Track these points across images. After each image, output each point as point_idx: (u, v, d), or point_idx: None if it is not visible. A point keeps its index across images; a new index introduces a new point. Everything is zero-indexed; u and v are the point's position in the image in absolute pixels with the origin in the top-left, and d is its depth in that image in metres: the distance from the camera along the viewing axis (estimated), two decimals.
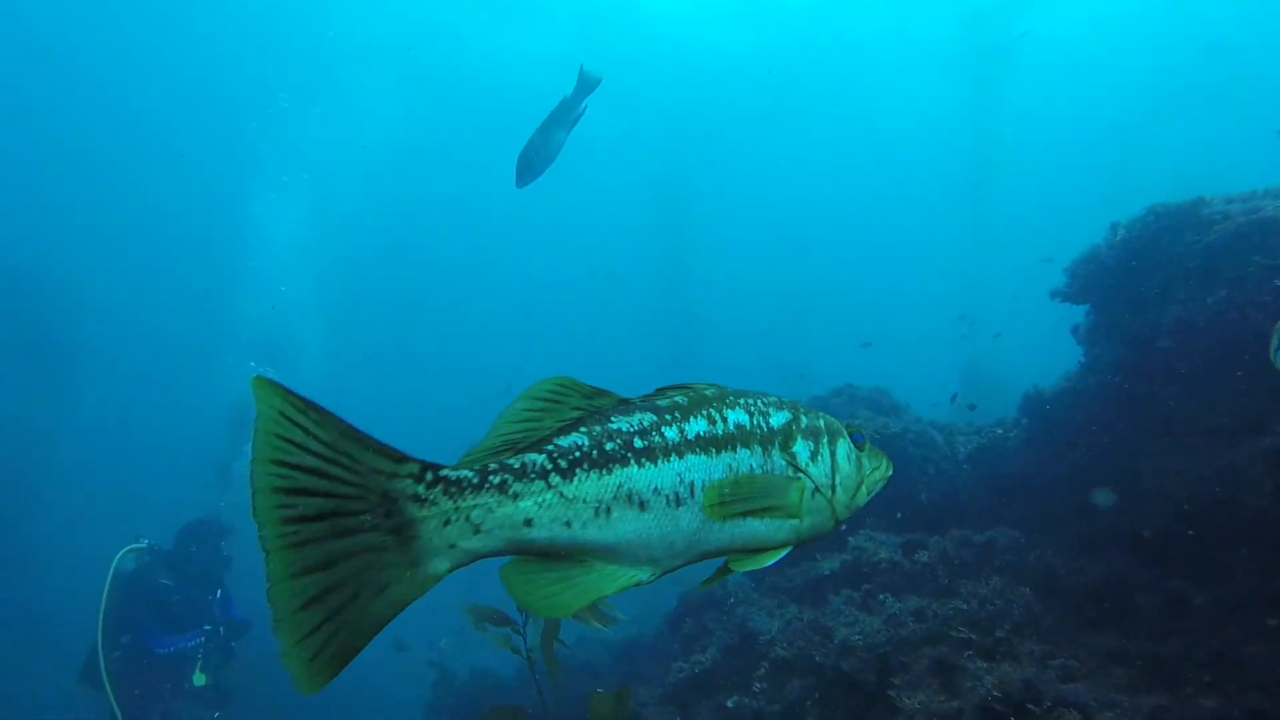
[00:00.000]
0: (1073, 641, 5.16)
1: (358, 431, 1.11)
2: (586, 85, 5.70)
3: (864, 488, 1.58)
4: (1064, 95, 34.12)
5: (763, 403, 1.52)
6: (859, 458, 1.58)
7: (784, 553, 1.49)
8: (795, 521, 1.48)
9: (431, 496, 1.16)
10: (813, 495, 1.49)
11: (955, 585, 6.01)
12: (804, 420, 1.53)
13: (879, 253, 47.28)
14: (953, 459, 8.38)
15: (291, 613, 1.04)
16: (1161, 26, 28.72)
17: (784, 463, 1.46)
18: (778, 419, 1.50)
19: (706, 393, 1.47)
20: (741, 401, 1.49)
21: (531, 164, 5.44)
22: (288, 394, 1.05)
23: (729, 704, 6.94)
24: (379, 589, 1.10)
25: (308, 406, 1.06)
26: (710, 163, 39.42)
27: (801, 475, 1.47)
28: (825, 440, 1.53)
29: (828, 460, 1.51)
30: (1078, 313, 7.19)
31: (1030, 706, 4.11)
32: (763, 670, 6.50)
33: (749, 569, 1.50)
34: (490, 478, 1.23)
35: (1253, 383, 4.74)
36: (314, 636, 1.05)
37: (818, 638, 6.20)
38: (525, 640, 4.93)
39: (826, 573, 7.39)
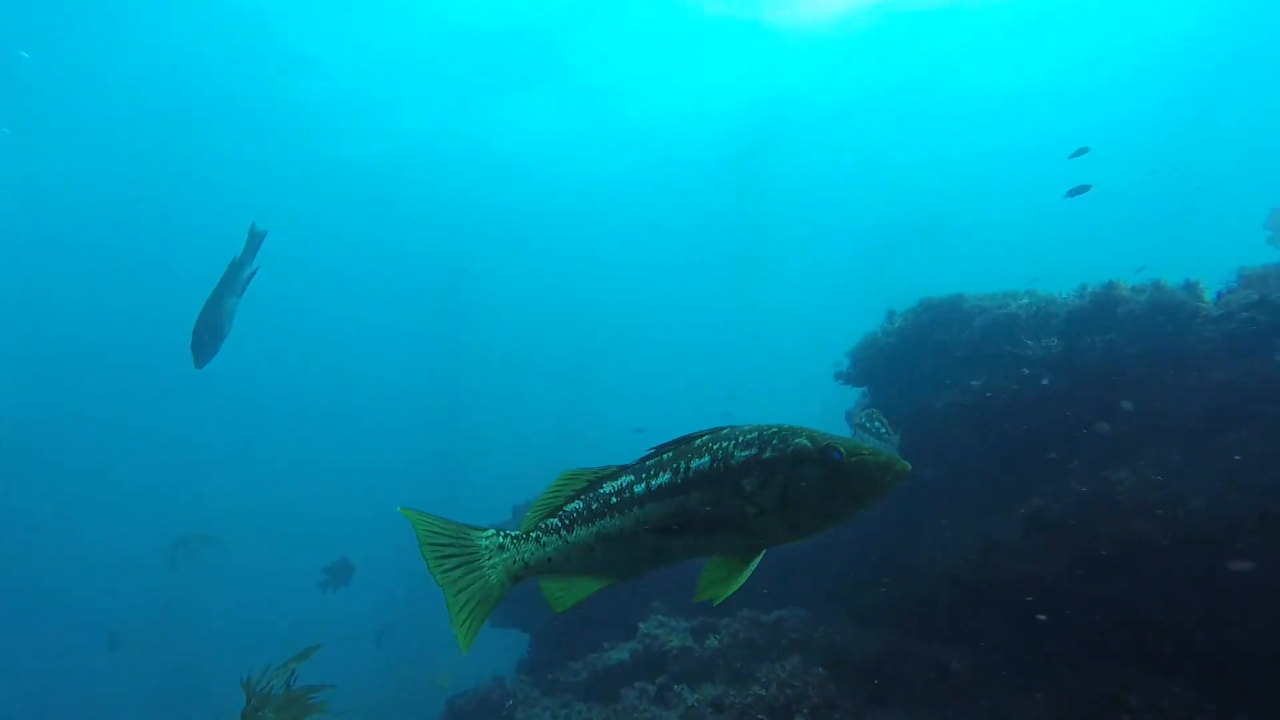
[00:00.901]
0: (864, 717, 5.16)
1: (464, 525, 2.09)
2: (256, 242, 5.38)
3: (839, 498, 1.79)
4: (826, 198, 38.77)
5: (739, 443, 1.90)
6: (825, 479, 1.79)
7: (742, 578, 1.91)
8: (748, 538, 1.89)
9: (505, 544, 2.06)
10: (758, 517, 1.84)
11: (750, 669, 5.84)
12: (768, 454, 1.86)
13: (653, 336, 49.86)
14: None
15: (455, 612, 1.98)
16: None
17: (731, 496, 1.86)
18: (739, 456, 1.88)
19: (695, 442, 1.97)
20: (715, 446, 1.92)
21: (206, 343, 4.99)
22: (427, 517, 2.08)
23: None
24: (487, 593, 2.01)
25: (436, 519, 2.09)
26: (492, 245, 40.00)
27: (746, 502, 1.84)
28: (782, 469, 1.83)
29: (779, 487, 1.82)
30: (847, 399, 7.74)
31: None
32: None
33: (718, 593, 1.91)
34: (531, 534, 2.06)
35: (1009, 458, 5.24)
36: (465, 622, 1.98)
37: None
38: None
39: (615, 663, 6.92)
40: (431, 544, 2.02)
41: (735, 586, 1.90)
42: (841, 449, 1.80)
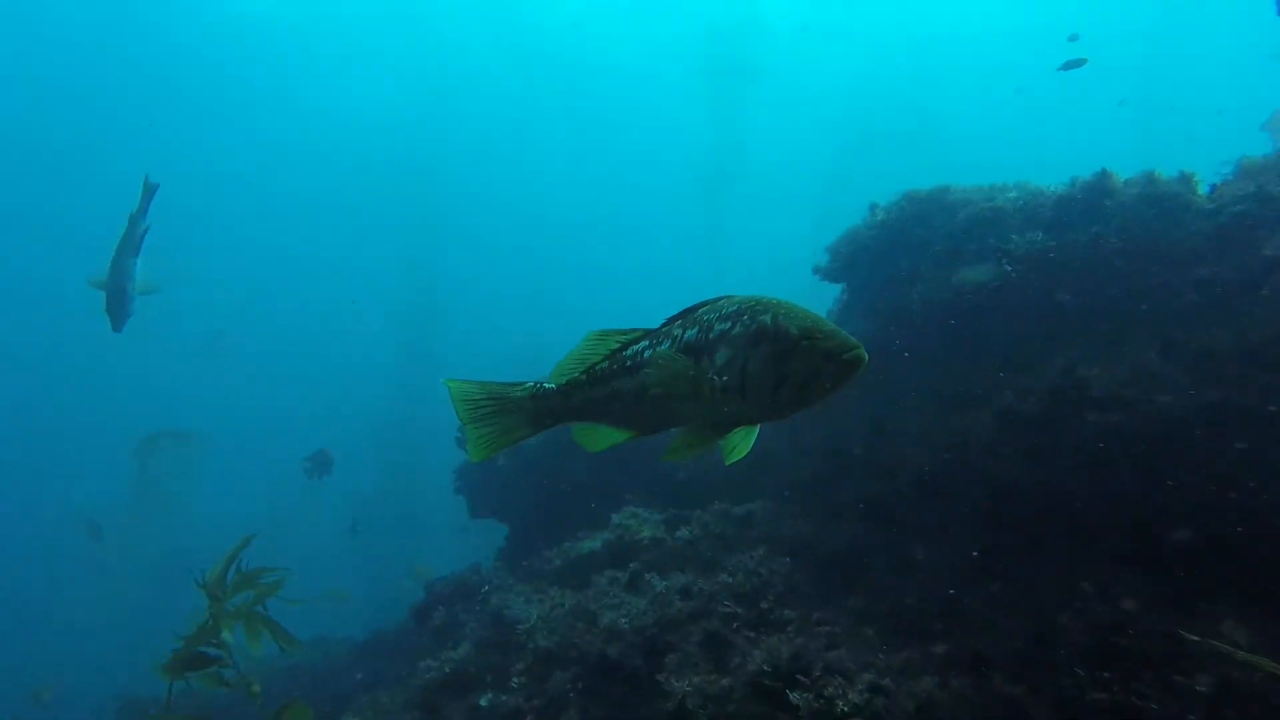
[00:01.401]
0: (828, 605, 5.32)
1: (503, 383, 2.34)
2: (149, 196, 5.16)
3: (786, 386, 1.75)
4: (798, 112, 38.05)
5: (720, 316, 1.91)
6: (777, 359, 1.73)
7: (699, 449, 1.98)
8: (712, 409, 1.90)
9: (538, 393, 2.28)
10: (721, 392, 1.84)
11: (719, 559, 5.97)
12: (736, 329, 1.84)
13: (623, 255, 49.62)
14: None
15: (473, 440, 2.25)
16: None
17: (706, 368, 1.86)
18: (716, 330, 1.89)
19: (697, 312, 2.00)
20: (705, 318, 1.94)
21: (114, 308, 4.98)
22: (467, 382, 2.29)
23: (482, 703, 6.32)
24: (509, 430, 2.32)
25: (474, 382, 2.32)
26: (463, 167, 39.57)
27: (713, 376, 1.84)
28: (744, 347, 1.81)
29: (739, 365, 1.80)
30: (827, 298, 7.61)
31: (800, 677, 4.06)
32: (522, 663, 5.97)
33: (674, 456, 2.01)
34: (561, 387, 2.25)
35: (988, 355, 5.19)
36: (482, 443, 2.26)
37: (581, 624, 5.81)
38: (237, 667, 4.71)
39: (588, 552, 7.05)
40: (465, 399, 2.23)
41: (691, 454, 1.99)
42: (795, 329, 1.74)
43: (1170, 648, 3.80)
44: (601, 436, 2.22)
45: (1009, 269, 4.97)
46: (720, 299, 1.98)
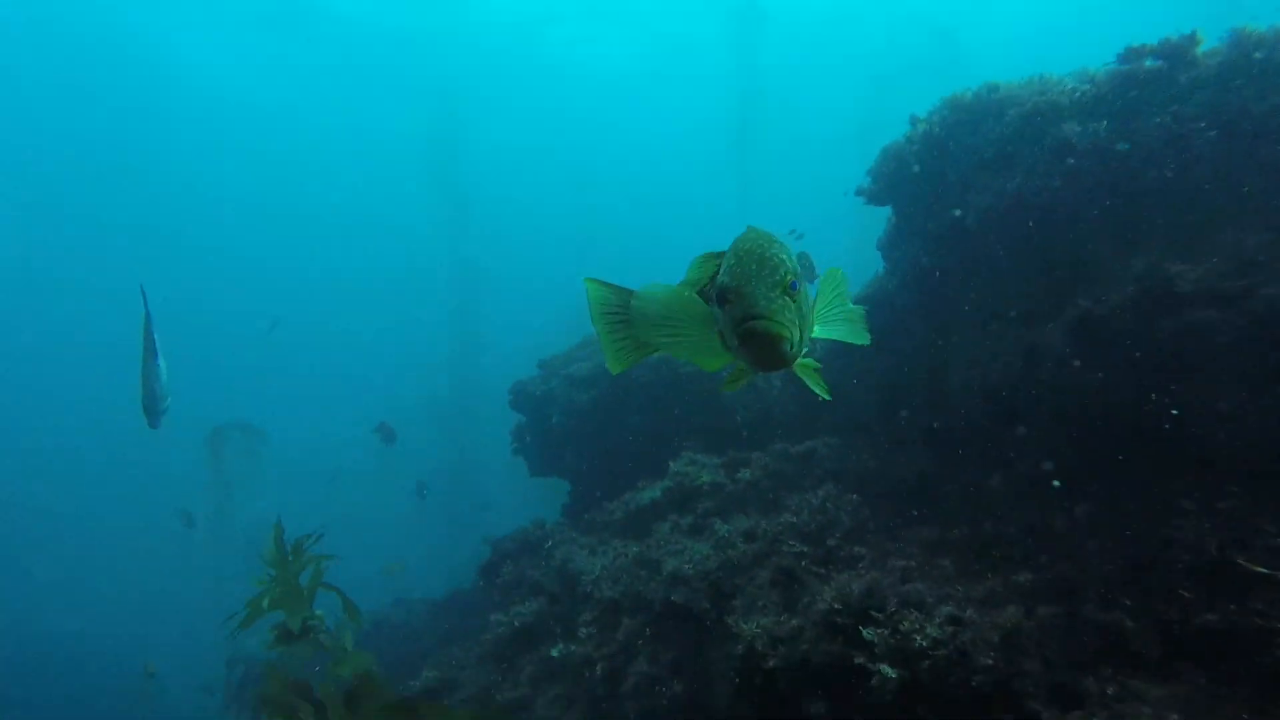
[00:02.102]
0: (898, 539, 5.11)
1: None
2: (146, 301, 5.65)
3: (729, 332, 1.65)
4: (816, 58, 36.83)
5: (730, 253, 1.77)
6: (727, 306, 1.63)
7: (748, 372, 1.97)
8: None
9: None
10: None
11: (782, 499, 5.79)
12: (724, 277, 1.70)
13: (655, 216, 49.41)
14: (763, 375, 8.27)
15: (607, 339, 1.98)
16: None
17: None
18: (724, 269, 1.75)
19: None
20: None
21: (151, 407, 5.53)
22: (600, 284, 2.00)
23: (553, 653, 6.36)
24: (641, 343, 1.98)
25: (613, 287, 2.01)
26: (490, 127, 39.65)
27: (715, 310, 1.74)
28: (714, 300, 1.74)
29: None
30: (872, 230, 7.20)
31: (874, 613, 3.88)
32: (589, 614, 5.97)
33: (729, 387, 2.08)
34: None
35: (1052, 264, 4.79)
36: (619, 350, 1.98)
37: (644, 572, 5.74)
38: (330, 632, 5.19)
39: (648, 502, 6.96)
40: (602, 305, 2.04)
41: (741, 384, 2.03)
42: (719, 288, 1.66)
43: None
44: (717, 353, 2.00)
45: (1072, 163, 4.52)
46: (761, 237, 1.81)
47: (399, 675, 10.04)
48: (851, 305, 2.01)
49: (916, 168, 5.81)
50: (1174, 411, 4.06)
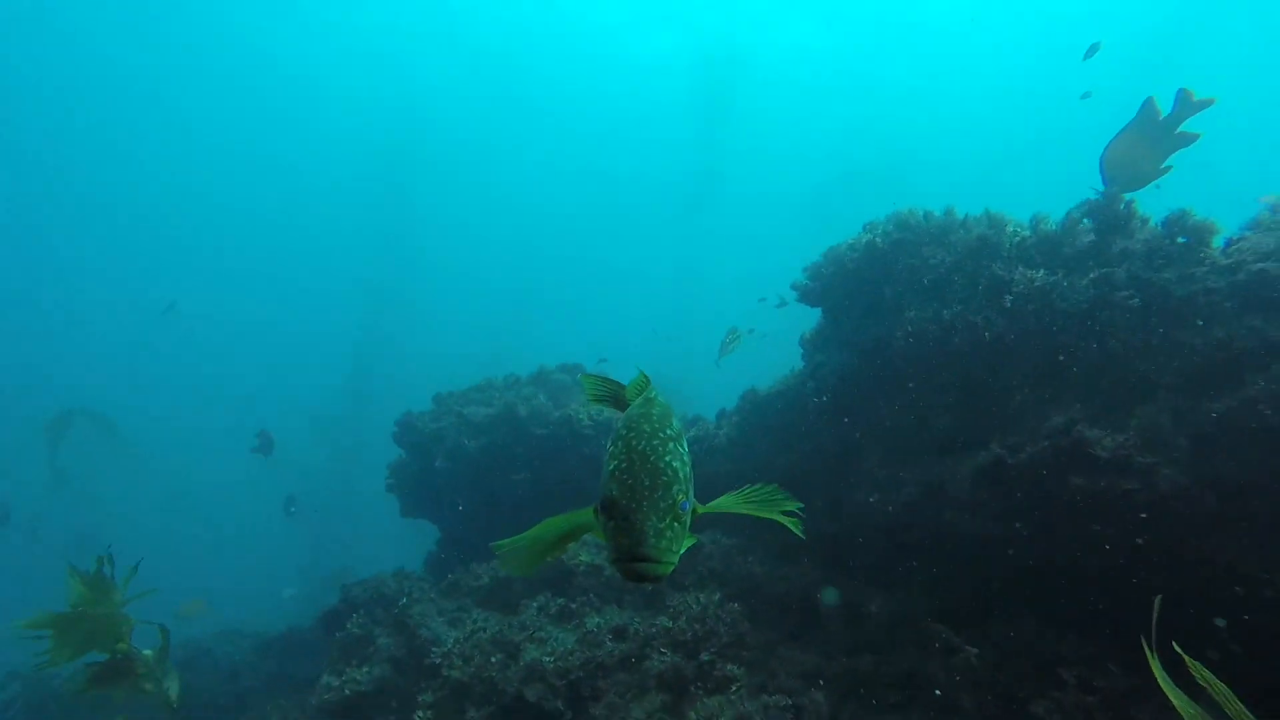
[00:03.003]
0: (775, 659, 4.80)
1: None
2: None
3: (611, 548, 1.63)
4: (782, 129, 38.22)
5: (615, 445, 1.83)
6: (612, 525, 1.61)
7: None
8: None
9: None
10: None
11: (662, 595, 5.41)
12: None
13: (593, 262, 49.69)
14: None
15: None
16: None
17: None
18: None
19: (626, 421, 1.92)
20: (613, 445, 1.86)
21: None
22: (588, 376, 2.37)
23: None
24: None
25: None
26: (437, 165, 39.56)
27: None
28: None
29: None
30: (795, 326, 7.14)
31: None
32: (431, 694, 5.33)
33: None
34: None
35: (972, 399, 4.73)
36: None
37: (501, 656, 5.20)
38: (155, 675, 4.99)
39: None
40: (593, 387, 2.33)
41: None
42: (604, 498, 1.65)
43: None
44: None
45: (1009, 302, 4.50)
46: (635, 415, 1.90)
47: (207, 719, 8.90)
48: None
49: (854, 277, 5.75)
50: (1066, 570, 3.98)
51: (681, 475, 1.70)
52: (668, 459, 1.70)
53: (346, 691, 5.91)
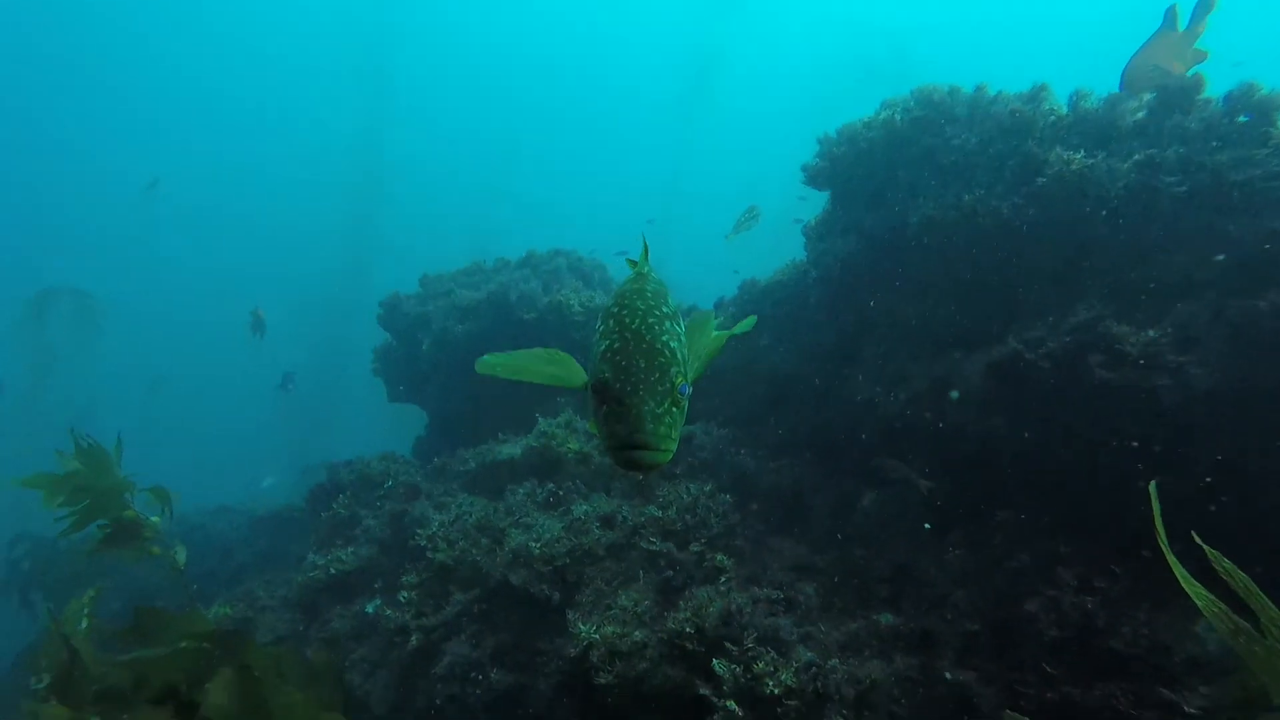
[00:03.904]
0: (764, 550, 4.73)
1: None
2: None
3: (604, 437, 1.56)
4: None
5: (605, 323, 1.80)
6: (605, 410, 1.53)
7: None
8: None
9: None
10: None
11: (651, 485, 5.29)
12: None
13: (583, 154, 48.03)
14: None
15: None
16: None
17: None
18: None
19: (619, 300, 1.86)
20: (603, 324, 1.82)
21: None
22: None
23: (368, 609, 5.67)
24: None
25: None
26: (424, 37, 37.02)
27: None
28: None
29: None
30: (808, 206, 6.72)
31: (728, 645, 3.45)
32: (415, 576, 5.29)
33: None
34: None
35: (988, 291, 4.43)
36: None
37: (486, 540, 5.11)
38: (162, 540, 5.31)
39: (505, 459, 6.30)
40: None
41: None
42: (597, 380, 1.57)
43: (1160, 657, 3.32)
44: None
45: (1041, 181, 4.11)
46: (627, 291, 1.84)
47: (200, 593, 9.05)
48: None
49: (869, 157, 5.31)
50: (1075, 472, 3.81)
51: (679, 356, 1.60)
52: (665, 339, 1.60)
53: (332, 570, 5.89)
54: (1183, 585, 2.49)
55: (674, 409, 1.49)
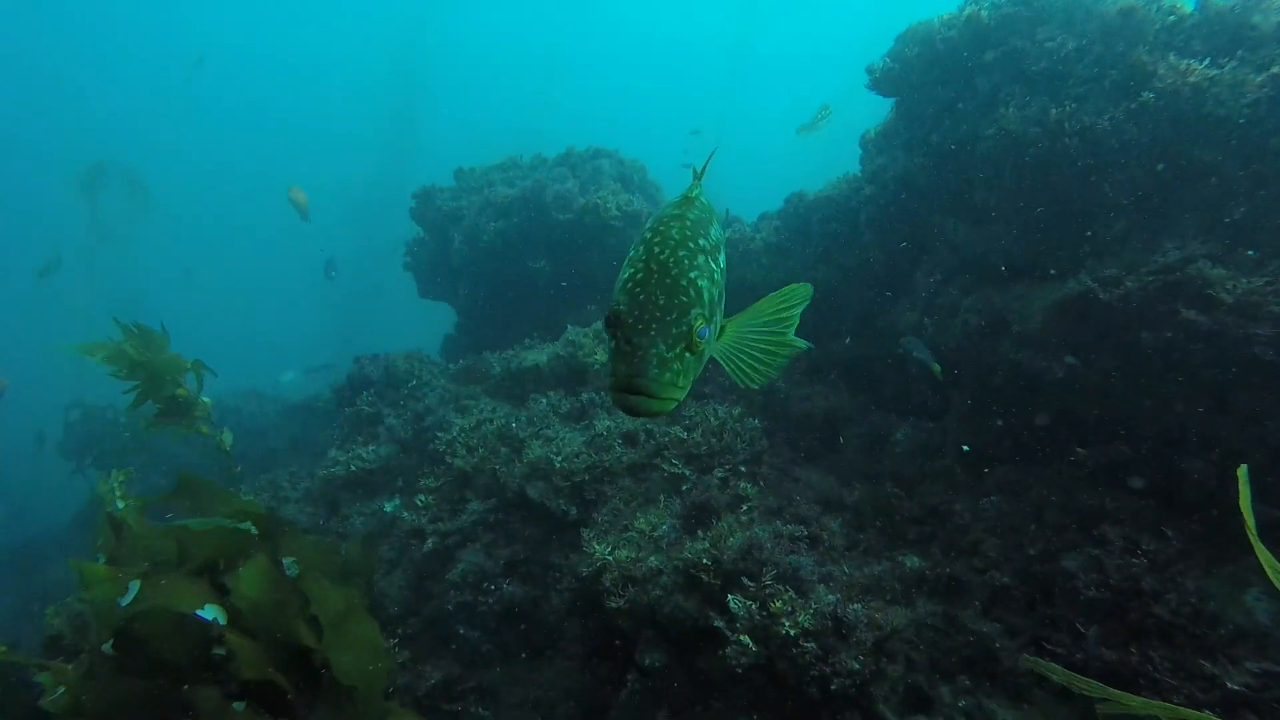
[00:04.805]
0: (790, 480, 4.55)
1: None
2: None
3: (607, 372, 1.49)
4: None
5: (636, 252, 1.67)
6: (614, 343, 1.42)
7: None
8: None
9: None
10: None
11: (680, 406, 5.09)
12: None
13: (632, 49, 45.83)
14: None
15: None
16: None
17: None
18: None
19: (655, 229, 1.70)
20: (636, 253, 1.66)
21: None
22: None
23: (386, 508, 5.70)
24: None
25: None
26: None
27: None
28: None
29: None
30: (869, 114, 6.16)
31: (746, 581, 3.31)
32: (434, 479, 5.25)
33: None
34: None
35: (1064, 220, 3.99)
36: None
37: (505, 450, 5.01)
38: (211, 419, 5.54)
39: (530, 366, 6.14)
40: None
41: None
42: (611, 309, 1.42)
43: (1205, 625, 3.11)
44: None
45: (1147, 98, 3.60)
46: (666, 215, 1.69)
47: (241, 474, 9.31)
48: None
49: (943, 61, 4.75)
50: (1143, 426, 3.50)
51: (705, 297, 1.46)
52: (692, 275, 1.46)
53: (352, 467, 5.89)
54: (1260, 558, 2.25)
55: (687, 354, 1.36)
